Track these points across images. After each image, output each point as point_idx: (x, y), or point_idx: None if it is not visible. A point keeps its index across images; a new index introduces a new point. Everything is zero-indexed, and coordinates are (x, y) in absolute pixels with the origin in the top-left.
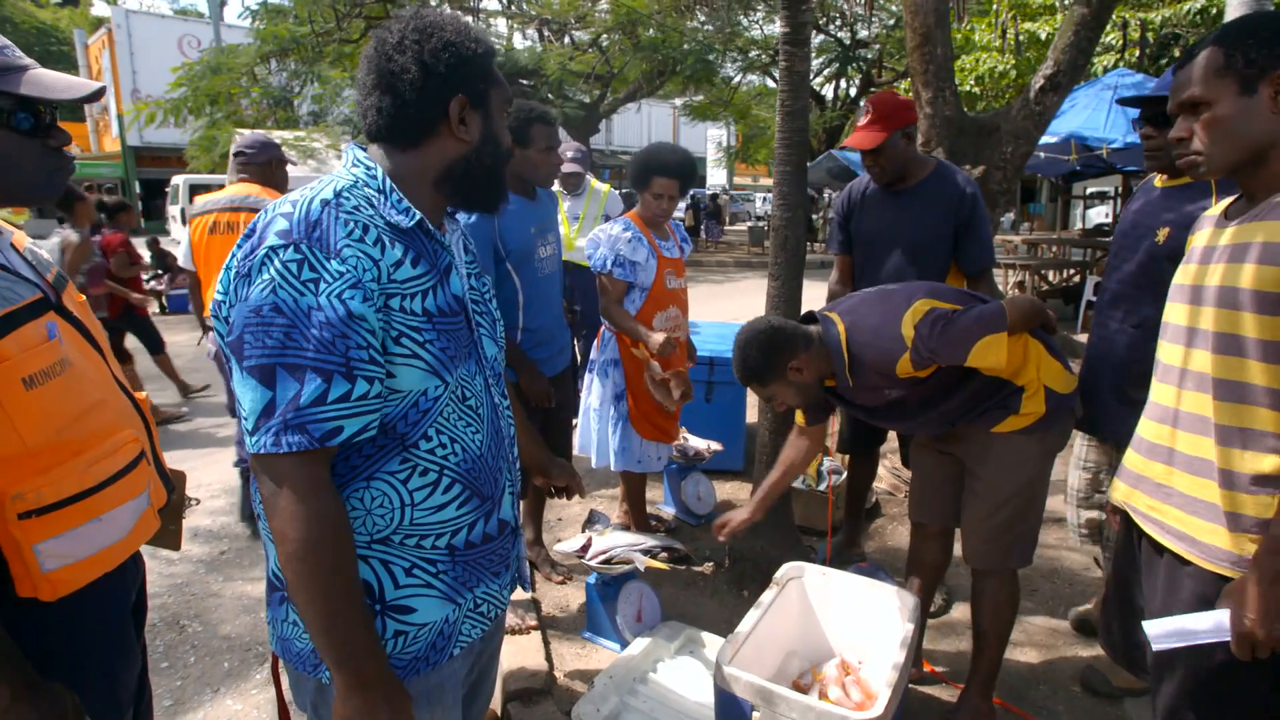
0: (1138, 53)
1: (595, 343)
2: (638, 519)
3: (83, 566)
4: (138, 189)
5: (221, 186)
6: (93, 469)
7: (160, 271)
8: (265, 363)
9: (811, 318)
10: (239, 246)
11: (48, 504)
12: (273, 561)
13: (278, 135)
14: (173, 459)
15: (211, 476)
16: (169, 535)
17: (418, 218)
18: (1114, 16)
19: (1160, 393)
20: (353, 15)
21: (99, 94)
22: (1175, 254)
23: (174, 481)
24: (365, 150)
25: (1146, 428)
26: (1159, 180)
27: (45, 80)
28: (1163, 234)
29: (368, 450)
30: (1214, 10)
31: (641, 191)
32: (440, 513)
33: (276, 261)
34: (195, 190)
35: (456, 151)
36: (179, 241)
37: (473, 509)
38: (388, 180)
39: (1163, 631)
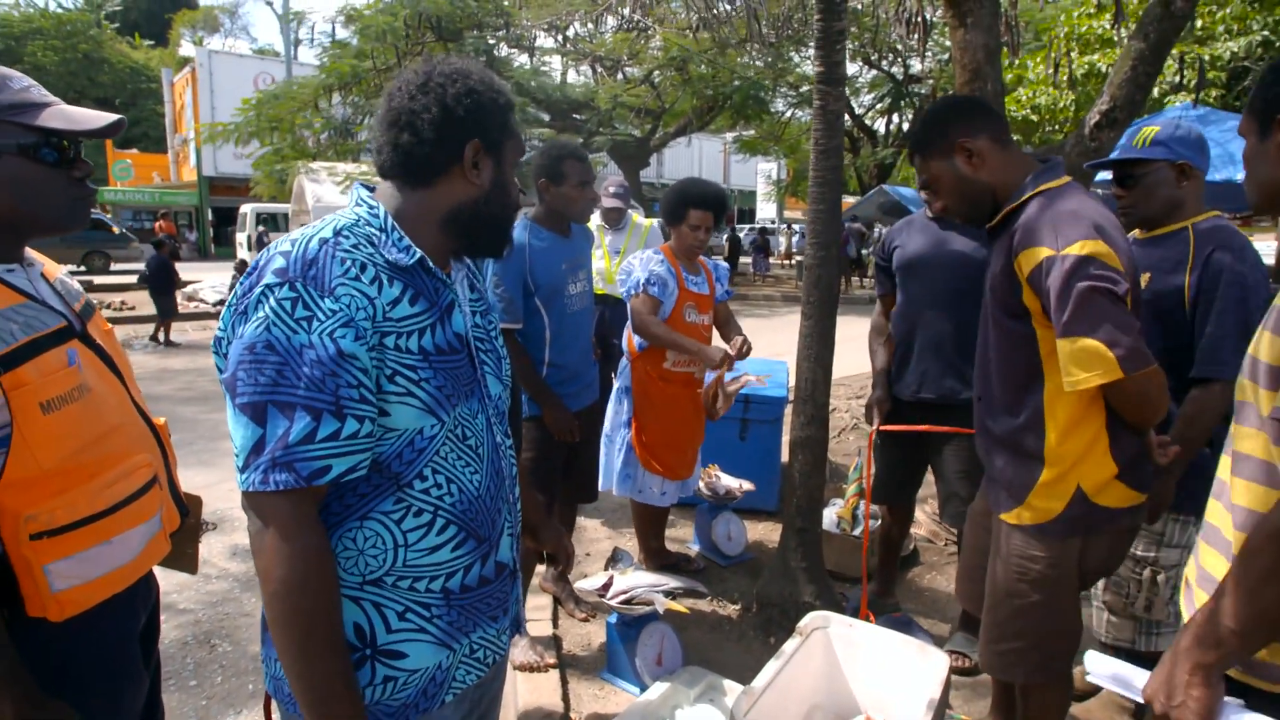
0: (1195, 91)
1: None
2: (643, 548)
3: (91, 588)
4: (210, 216)
5: (285, 215)
6: (106, 492)
7: None
8: (257, 400)
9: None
10: (241, 283)
11: (60, 525)
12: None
13: (341, 167)
14: (215, 478)
15: None
16: (185, 559)
17: (418, 255)
18: (1174, 51)
19: (1221, 468)
20: (414, 52)
21: (117, 126)
22: (1156, 298)
23: (189, 505)
24: (372, 191)
25: (1211, 508)
26: (1136, 233)
27: (67, 114)
28: (1144, 279)
29: (362, 489)
30: (1278, 42)
31: (677, 225)
32: (435, 554)
33: (272, 299)
34: (261, 218)
35: (466, 194)
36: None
37: (469, 551)
38: (389, 219)
39: (1101, 668)
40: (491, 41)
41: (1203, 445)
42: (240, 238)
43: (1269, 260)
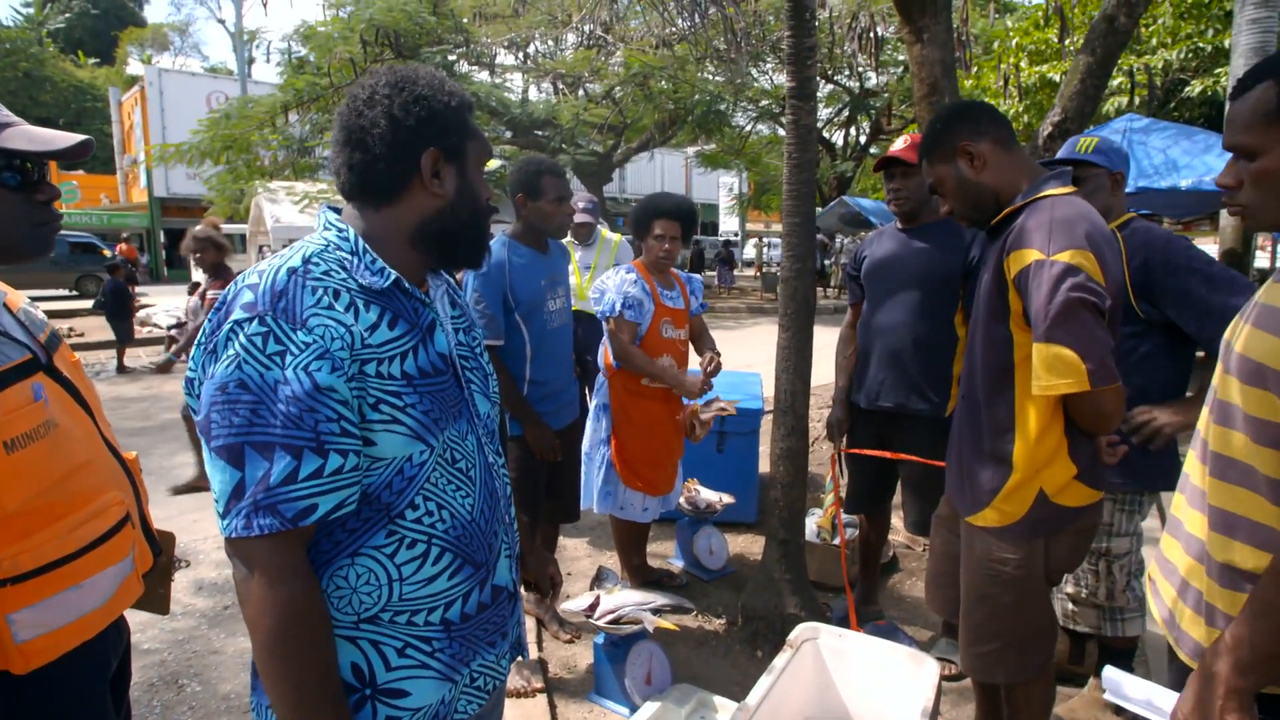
0: (1147, 98)
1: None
2: (625, 565)
3: (59, 635)
4: (162, 238)
5: (242, 236)
6: (75, 534)
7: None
8: (233, 442)
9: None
10: (209, 320)
11: (24, 571)
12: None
13: (300, 187)
14: (178, 509)
15: (218, 529)
16: (157, 599)
17: (393, 277)
18: (1120, 63)
19: (1188, 462)
20: (372, 70)
21: (84, 148)
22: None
23: (162, 543)
24: (339, 213)
25: (1176, 501)
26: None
27: (30, 135)
28: None
29: (351, 524)
30: (1208, 50)
31: (644, 237)
32: (431, 585)
33: (241, 336)
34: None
35: (430, 206)
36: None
37: (465, 578)
38: (360, 241)
39: (1121, 689)
40: (452, 58)
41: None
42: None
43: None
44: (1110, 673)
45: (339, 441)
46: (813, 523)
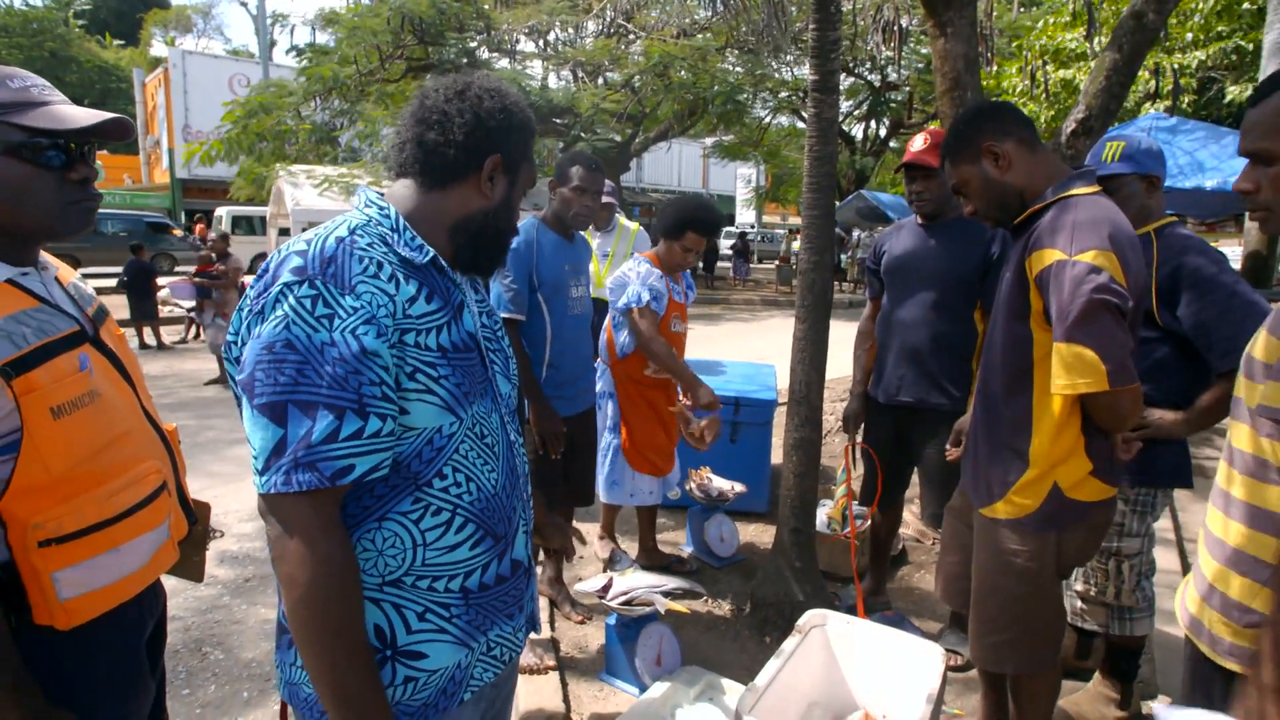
0: (1171, 99)
1: None
2: (606, 530)
3: (99, 596)
4: (183, 219)
5: (262, 218)
6: (113, 499)
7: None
8: (277, 400)
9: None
10: (253, 286)
11: (67, 533)
12: (283, 603)
13: (320, 171)
14: (201, 485)
15: (239, 503)
16: (192, 566)
17: (431, 254)
18: (1147, 61)
19: (1220, 473)
20: (395, 57)
21: (117, 126)
22: None
23: (197, 513)
24: (380, 194)
25: (1210, 514)
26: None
27: (56, 114)
28: None
29: (380, 490)
30: (1249, 49)
31: (672, 240)
32: (453, 553)
33: (291, 298)
34: (237, 220)
35: (477, 205)
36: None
37: (486, 549)
38: (401, 219)
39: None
40: (473, 44)
41: (1206, 427)
42: None
43: (1234, 266)
44: (1161, 712)
45: (380, 405)
46: (824, 513)
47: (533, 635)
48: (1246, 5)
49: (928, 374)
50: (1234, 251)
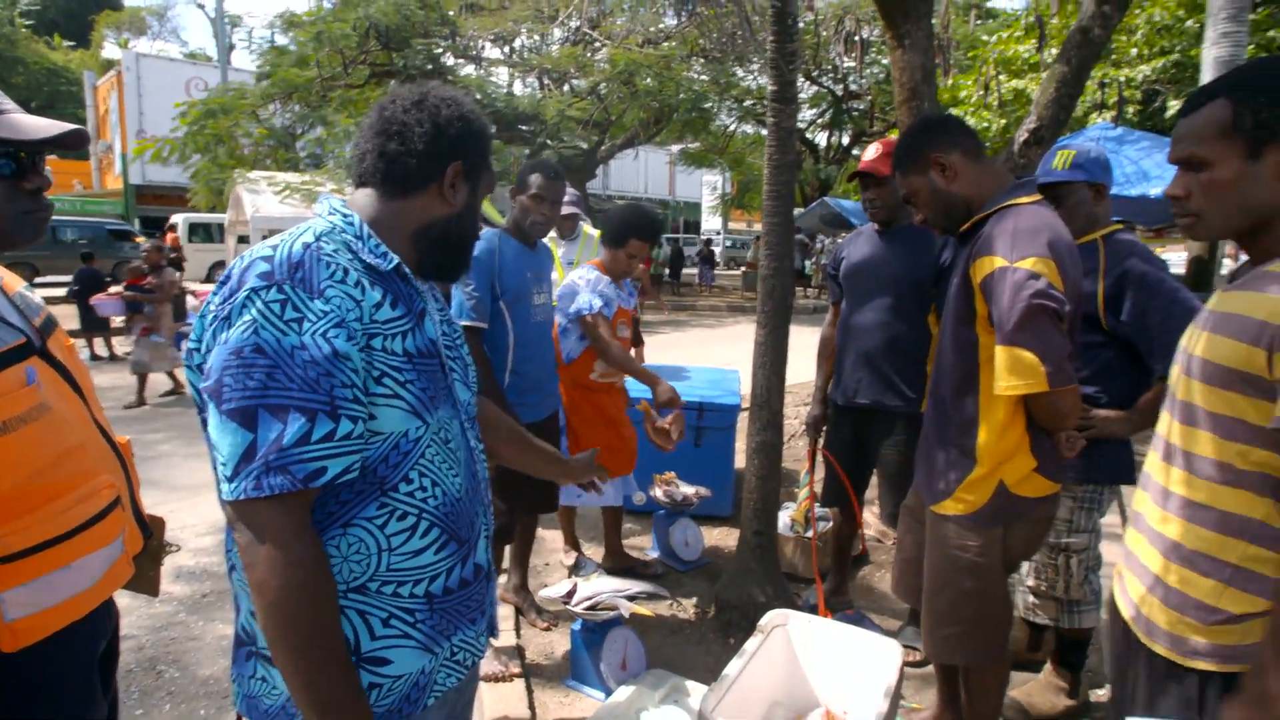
0: (1116, 110)
1: None
2: (568, 540)
3: (49, 615)
4: (138, 226)
5: (221, 226)
6: (65, 515)
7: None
8: (247, 404)
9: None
10: (215, 292)
11: (16, 551)
12: (243, 615)
13: (280, 177)
14: (157, 499)
15: (196, 517)
16: (147, 581)
17: (395, 261)
18: (1095, 74)
19: (1150, 462)
20: (358, 62)
21: (73, 138)
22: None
23: (153, 527)
24: (343, 201)
25: (1138, 498)
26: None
27: (11, 123)
28: None
29: (345, 496)
30: (1186, 64)
31: (616, 249)
32: (418, 558)
33: (259, 302)
34: (195, 228)
35: (440, 212)
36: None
37: (450, 554)
38: (365, 227)
39: None
40: (438, 50)
41: (1148, 426)
42: None
43: (1179, 271)
44: None
45: (351, 408)
46: (787, 516)
47: (498, 643)
48: (1189, 23)
49: (884, 377)
50: (1179, 257)
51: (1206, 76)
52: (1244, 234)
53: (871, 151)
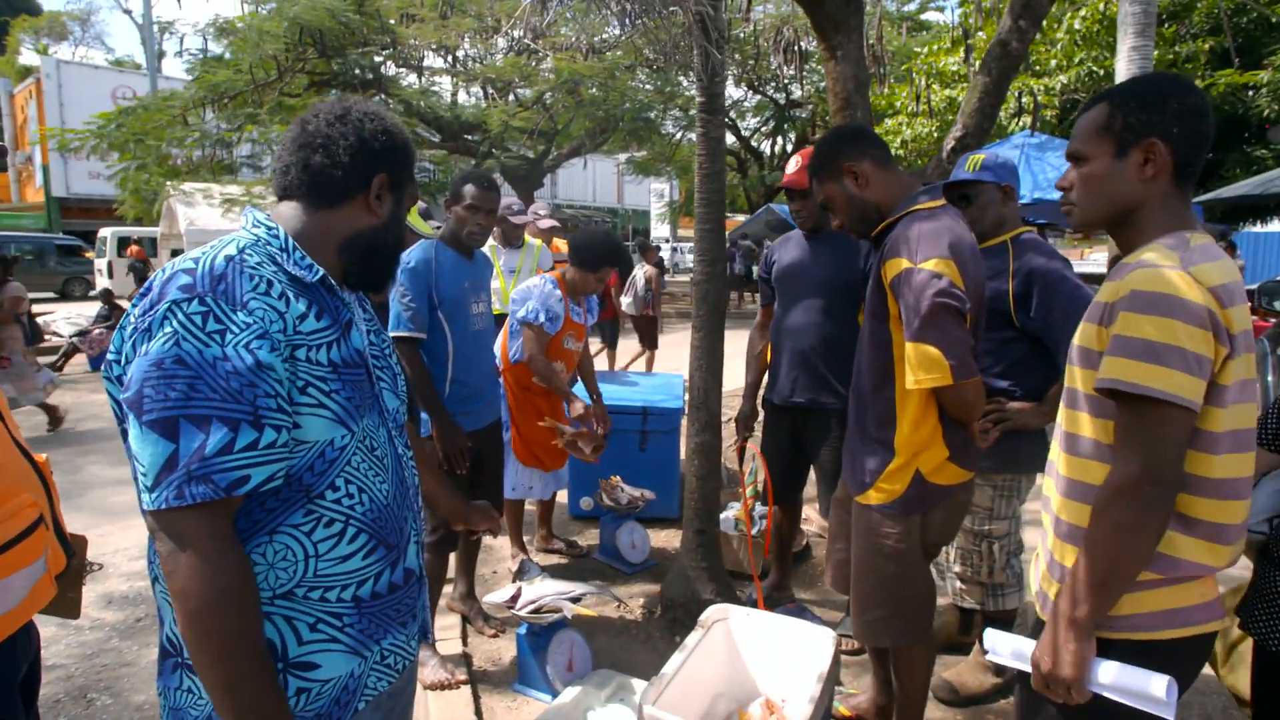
0: (1033, 118)
1: None
2: (515, 543)
3: None
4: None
5: (153, 240)
6: None
7: (99, 325)
8: (168, 415)
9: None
10: (134, 304)
11: None
12: (167, 626)
13: (217, 189)
14: (86, 522)
15: (128, 541)
16: (67, 603)
17: (321, 273)
18: (1015, 84)
19: (1052, 450)
20: (295, 70)
21: None
22: (988, 300)
23: (75, 546)
24: (267, 215)
25: (1045, 485)
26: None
27: None
28: None
29: (270, 504)
30: (1101, 73)
31: (588, 272)
32: (346, 563)
33: (180, 314)
34: (124, 242)
35: (365, 222)
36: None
37: (379, 559)
38: (290, 239)
39: (1000, 646)
40: (378, 59)
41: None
42: (100, 264)
43: (1101, 269)
44: (989, 633)
45: (274, 417)
46: (730, 515)
47: (444, 651)
48: (1105, 37)
49: (819, 376)
50: (1103, 256)
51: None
52: (1112, 225)
53: (792, 165)
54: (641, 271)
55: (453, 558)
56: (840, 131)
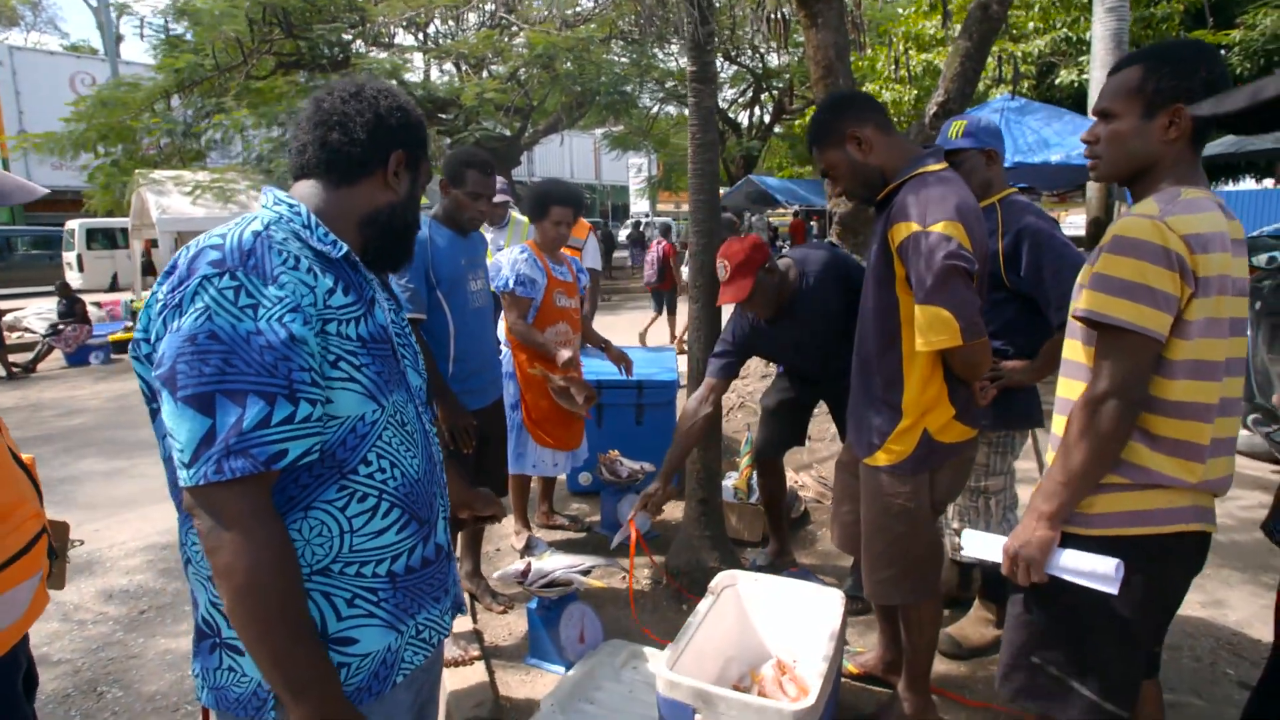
0: (1012, 83)
1: None
2: (519, 520)
3: None
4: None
5: (124, 230)
6: None
7: (65, 320)
8: (203, 390)
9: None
10: (160, 282)
11: None
12: (202, 608)
13: (189, 177)
14: (80, 519)
15: (125, 535)
16: (52, 576)
17: (345, 249)
18: (994, 48)
19: (1059, 388)
20: (261, 52)
21: None
22: None
23: (54, 532)
24: (286, 193)
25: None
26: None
27: None
28: None
29: (304, 480)
30: (1076, 39)
31: (541, 220)
32: (380, 538)
33: (211, 289)
34: (94, 234)
35: (384, 199)
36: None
37: (412, 533)
38: (313, 216)
39: (972, 545)
40: (347, 37)
41: (1050, 373)
42: (69, 257)
43: (1080, 232)
44: (966, 534)
45: (309, 391)
46: (729, 484)
47: (457, 628)
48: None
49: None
50: (1079, 219)
51: (1096, 48)
52: (1130, 179)
53: (724, 283)
54: (659, 246)
55: (459, 537)
56: (840, 97)
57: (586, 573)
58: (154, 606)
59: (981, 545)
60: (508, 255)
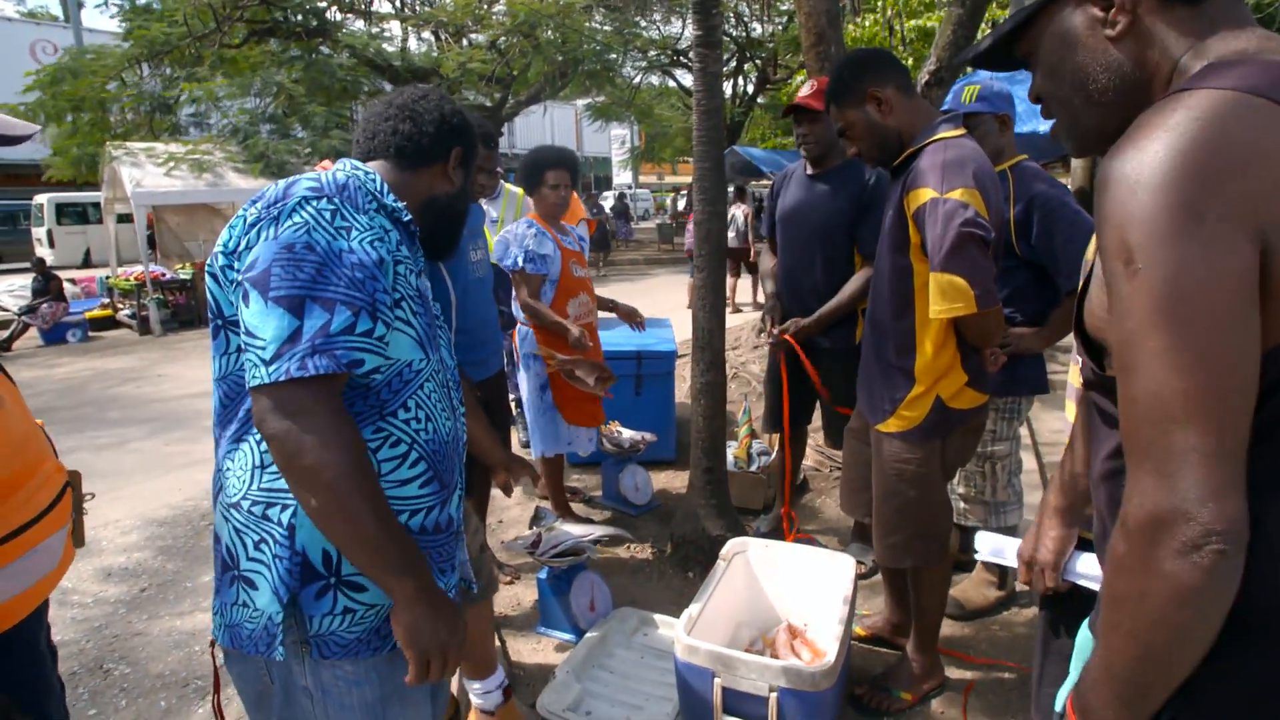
0: None
1: (512, 338)
2: (556, 501)
3: (25, 599)
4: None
5: (96, 204)
6: (31, 501)
7: (40, 298)
8: (296, 293)
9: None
10: (250, 204)
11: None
12: (225, 541)
13: (160, 148)
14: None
15: (120, 512)
16: (74, 532)
17: (409, 216)
18: (987, 15)
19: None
20: (234, 18)
21: None
22: None
23: (71, 481)
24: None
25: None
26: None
27: None
28: None
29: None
30: None
31: (536, 189)
32: (403, 488)
33: (310, 208)
34: (63, 209)
35: (444, 187)
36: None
37: (432, 493)
38: (384, 183)
39: (986, 546)
40: (322, 4)
41: (1058, 339)
42: (39, 233)
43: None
44: (979, 536)
45: (386, 313)
46: (730, 453)
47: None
48: None
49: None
50: (1067, 185)
51: None
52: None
53: (806, 88)
54: (740, 210)
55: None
56: (863, 55)
57: (596, 542)
58: (155, 584)
59: (994, 547)
60: (514, 232)
